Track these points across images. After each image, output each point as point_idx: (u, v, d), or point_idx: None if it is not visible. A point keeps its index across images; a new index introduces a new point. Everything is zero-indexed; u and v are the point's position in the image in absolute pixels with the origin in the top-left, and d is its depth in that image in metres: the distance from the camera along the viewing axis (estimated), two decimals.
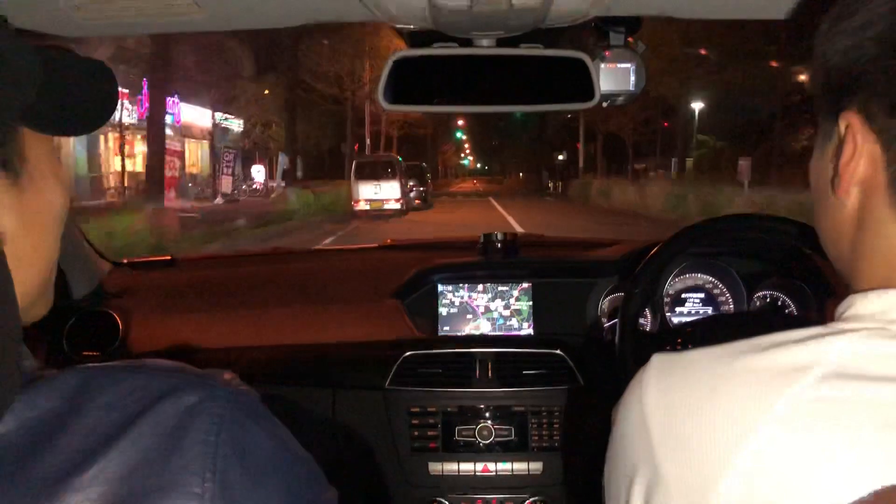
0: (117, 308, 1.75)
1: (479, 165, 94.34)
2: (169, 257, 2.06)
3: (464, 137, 73.19)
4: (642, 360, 0.59)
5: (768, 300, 1.76)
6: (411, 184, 24.28)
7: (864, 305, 0.52)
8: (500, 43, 1.18)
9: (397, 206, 20.82)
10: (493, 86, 1.19)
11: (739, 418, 0.48)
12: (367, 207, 20.61)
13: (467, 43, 1.17)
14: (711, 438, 0.49)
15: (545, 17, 1.05)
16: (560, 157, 52.80)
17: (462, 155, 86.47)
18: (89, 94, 0.61)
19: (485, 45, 1.17)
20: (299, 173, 28.78)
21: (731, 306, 1.78)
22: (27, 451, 0.47)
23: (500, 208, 25.18)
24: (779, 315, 1.71)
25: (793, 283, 1.72)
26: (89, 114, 0.61)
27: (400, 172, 21.48)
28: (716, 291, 1.79)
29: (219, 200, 24.84)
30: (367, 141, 31.94)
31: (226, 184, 26.51)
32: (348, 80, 29.28)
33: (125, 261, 2.01)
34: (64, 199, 0.60)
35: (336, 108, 30.72)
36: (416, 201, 24.60)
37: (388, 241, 2.22)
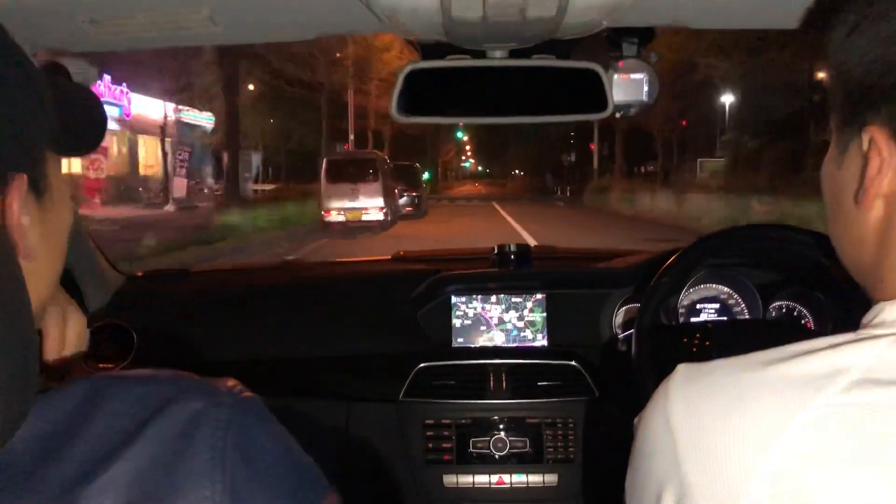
0: (132, 321, 1.75)
1: (480, 168, 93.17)
2: (183, 270, 2.06)
3: (465, 138, 72.09)
4: (658, 371, 0.59)
5: (784, 311, 1.75)
6: (401, 188, 21.07)
7: (893, 312, 0.52)
8: (513, 54, 1.18)
9: (380, 216, 16.93)
10: (505, 97, 1.19)
11: (768, 426, 0.47)
12: (341, 218, 16.74)
13: (480, 54, 1.17)
14: (740, 447, 0.48)
15: (558, 28, 1.05)
16: (569, 159, 50.34)
17: (463, 157, 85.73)
18: (87, 115, 0.63)
19: (498, 57, 1.18)
20: (276, 174, 25.96)
21: (747, 317, 1.76)
22: (38, 460, 0.48)
23: (506, 216, 22.20)
24: (795, 325, 1.70)
25: (809, 294, 1.70)
26: (89, 134, 0.64)
27: (383, 174, 17.73)
28: (731, 302, 1.78)
29: (170, 207, 21.31)
30: (351, 137, 27.13)
31: (178, 187, 23.06)
32: (322, 60, 22.91)
33: (139, 273, 2.02)
34: (72, 216, 0.62)
35: (316, 98, 25.76)
36: (407, 209, 21.32)
37: (401, 252, 2.23)
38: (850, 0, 0.55)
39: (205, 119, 26.02)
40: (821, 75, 18.01)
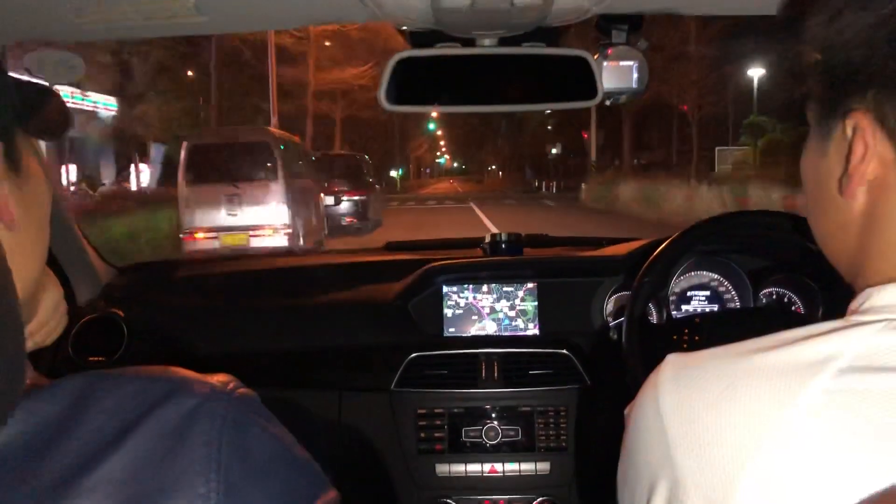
0: (122, 313, 1.75)
1: (456, 164, 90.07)
2: (173, 261, 2.06)
3: (438, 132, 67.20)
4: (649, 359, 0.59)
5: (774, 297, 1.76)
6: (340, 189, 14.72)
7: (882, 298, 0.52)
8: (503, 42, 1.17)
9: (282, 239, 10.44)
10: (495, 85, 1.19)
11: (760, 414, 0.48)
12: (213, 244, 10.24)
13: (470, 42, 1.17)
14: (732, 436, 0.48)
15: (547, 15, 1.05)
16: (553, 151, 43.94)
17: (438, 153, 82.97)
18: (45, 100, 0.63)
19: (487, 45, 1.17)
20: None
21: (738, 304, 1.77)
22: (31, 455, 0.48)
23: (489, 223, 17.10)
24: (785, 311, 1.71)
25: (799, 280, 1.71)
26: (58, 123, 0.65)
27: (289, 168, 10.91)
28: (721, 289, 1.79)
29: None
30: (273, 119, 18.00)
31: None
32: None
33: (129, 265, 2.01)
34: (50, 195, 0.63)
35: (248, 77, 20.82)
36: (348, 220, 14.87)
37: (392, 242, 2.22)
38: None
39: (101, 104, 19.61)
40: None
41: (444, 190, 52.42)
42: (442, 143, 78.56)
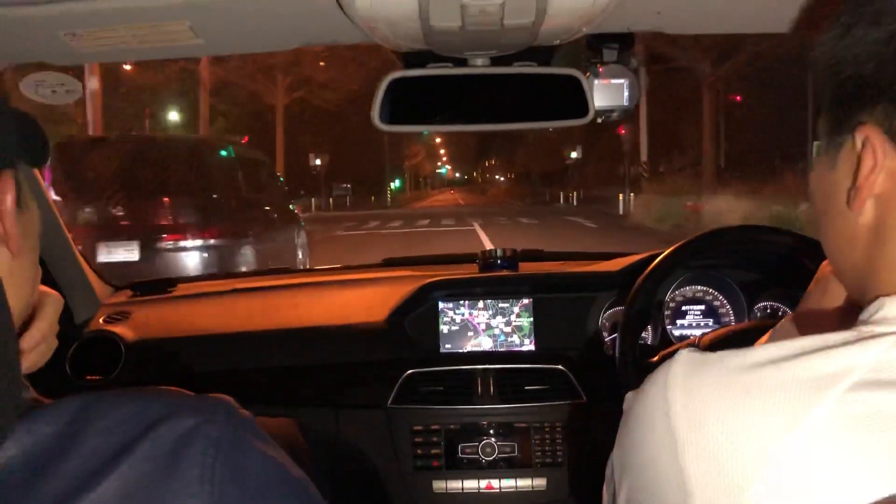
0: (119, 332, 1.75)
1: (458, 175, 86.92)
2: (170, 280, 2.06)
3: (438, 141, 63.98)
4: (644, 375, 0.58)
5: (769, 311, 1.76)
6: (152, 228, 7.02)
7: (893, 308, 0.52)
8: (495, 62, 1.19)
9: None
10: (488, 104, 1.20)
11: (773, 425, 0.47)
12: None
13: (462, 62, 1.18)
14: (743, 446, 0.47)
15: (537, 35, 1.06)
16: (573, 154, 35.09)
17: (439, 164, 79.54)
18: (33, 129, 0.64)
19: (479, 65, 1.18)
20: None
21: (732, 318, 1.78)
22: (28, 476, 0.48)
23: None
24: None
25: (794, 294, 1.72)
26: (43, 147, 0.66)
27: None
28: (716, 303, 1.79)
29: None
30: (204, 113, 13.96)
31: None
32: None
33: (126, 284, 2.01)
34: (39, 224, 0.64)
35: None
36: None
37: (389, 258, 2.23)
38: (844, 2, 0.55)
39: None
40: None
41: (443, 202, 48.22)
42: (442, 151, 74.51)
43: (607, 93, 1.23)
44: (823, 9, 0.99)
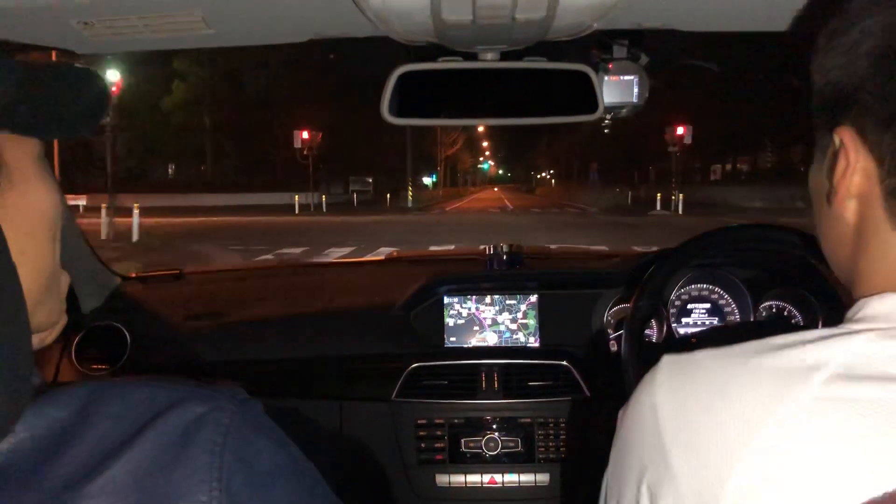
0: (126, 322, 1.76)
1: (500, 172, 79.17)
2: (177, 271, 2.07)
3: (481, 130, 54.40)
4: (647, 372, 0.60)
5: (774, 310, 1.76)
6: None
7: (874, 307, 0.53)
8: (505, 56, 1.19)
9: None
10: (497, 98, 1.20)
11: (750, 417, 0.49)
12: None
13: (472, 56, 1.18)
14: (723, 437, 0.49)
15: (548, 30, 1.06)
16: (680, 144, 26.27)
17: (481, 159, 73.11)
18: (72, 98, 0.59)
19: (489, 59, 1.18)
20: None
21: (737, 316, 1.78)
22: (38, 460, 0.48)
23: None
24: (784, 325, 1.71)
25: (798, 293, 1.72)
26: (72, 118, 0.59)
27: None
28: (721, 302, 1.79)
29: None
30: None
31: None
32: None
33: (133, 275, 2.02)
34: (54, 203, 0.58)
35: None
36: None
37: (394, 253, 2.23)
38: (836, 7, 0.57)
39: None
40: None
41: (484, 204, 35.94)
42: (485, 144, 63.97)
43: (617, 89, 1.23)
44: (834, 7, 0.99)
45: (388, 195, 32.59)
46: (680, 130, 26.50)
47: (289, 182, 29.03)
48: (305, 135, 27.78)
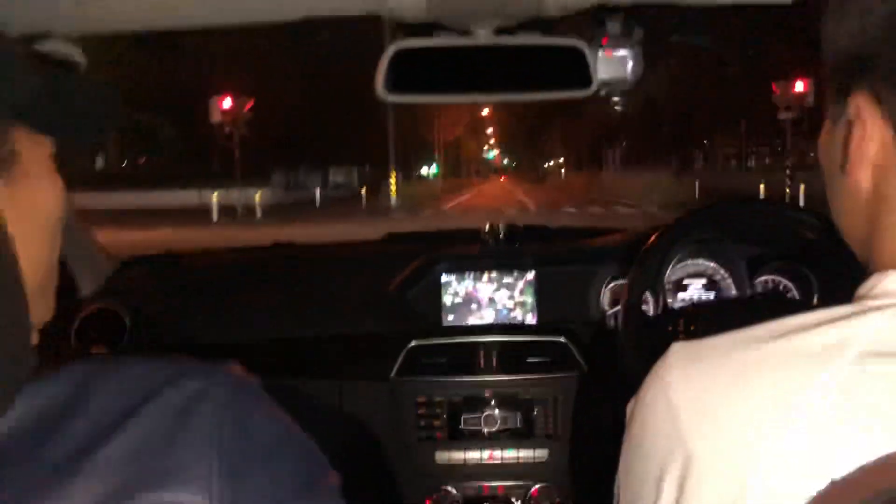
0: (124, 304, 1.76)
1: (506, 161, 72.96)
2: (175, 252, 2.07)
3: (485, 113, 49.38)
4: (644, 347, 0.59)
5: (770, 285, 1.77)
6: None
7: (893, 281, 0.52)
8: (499, 32, 1.18)
9: None
10: (491, 75, 1.20)
11: (777, 401, 0.47)
12: None
13: (465, 33, 1.18)
14: (747, 422, 0.48)
15: (543, 4, 1.05)
16: (785, 114, 19.04)
17: (486, 147, 68.60)
18: (89, 103, 0.60)
19: (482, 35, 1.18)
20: None
21: (734, 291, 1.78)
22: (36, 436, 0.49)
23: None
24: (780, 299, 1.72)
25: (794, 268, 1.72)
26: (88, 123, 0.60)
27: None
28: (717, 277, 1.80)
29: None
30: None
31: None
32: None
33: (131, 258, 2.02)
34: (59, 203, 0.59)
35: None
36: None
37: (392, 232, 2.23)
38: None
39: None
40: None
41: (488, 201, 28.64)
42: (490, 130, 58.26)
43: (611, 65, 1.22)
44: None
45: (364, 191, 26.12)
46: (800, 86, 18.54)
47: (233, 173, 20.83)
48: (228, 102, 19.17)
